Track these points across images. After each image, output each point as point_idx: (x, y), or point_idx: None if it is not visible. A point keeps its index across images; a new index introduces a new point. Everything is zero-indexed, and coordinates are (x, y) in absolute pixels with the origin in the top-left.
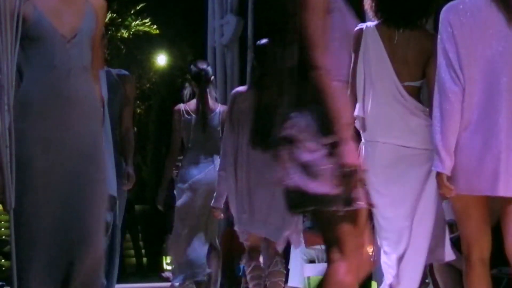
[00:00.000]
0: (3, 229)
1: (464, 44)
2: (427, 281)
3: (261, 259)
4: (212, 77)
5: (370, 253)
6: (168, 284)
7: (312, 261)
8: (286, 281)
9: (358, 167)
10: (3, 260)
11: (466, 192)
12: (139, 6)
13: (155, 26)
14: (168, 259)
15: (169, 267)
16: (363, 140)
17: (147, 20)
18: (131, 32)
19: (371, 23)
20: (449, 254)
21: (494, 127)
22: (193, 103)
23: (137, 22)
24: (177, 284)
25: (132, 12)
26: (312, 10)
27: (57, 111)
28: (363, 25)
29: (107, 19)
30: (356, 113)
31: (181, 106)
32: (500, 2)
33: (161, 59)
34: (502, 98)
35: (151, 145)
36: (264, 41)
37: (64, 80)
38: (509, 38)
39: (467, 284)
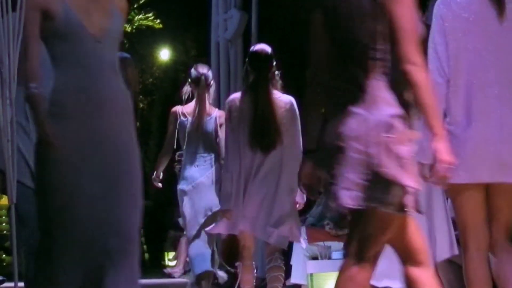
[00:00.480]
0: (4, 224)
1: (454, 37)
2: None
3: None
4: (212, 81)
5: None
6: (171, 279)
7: (314, 258)
8: (288, 277)
9: (451, 165)
10: (4, 255)
11: (468, 181)
12: (143, 0)
13: (158, 21)
14: (170, 255)
15: (171, 263)
16: None
17: (150, 15)
18: (134, 27)
19: None
20: (453, 249)
21: (488, 118)
22: (189, 106)
23: (140, 16)
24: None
25: (135, 6)
26: (404, 4)
27: (92, 113)
28: None
29: None
30: None
31: (178, 108)
32: None
33: (164, 54)
34: (495, 91)
35: (154, 140)
36: (257, 47)
37: (97, 81)
38: (500, 33)
39: (465, 276)
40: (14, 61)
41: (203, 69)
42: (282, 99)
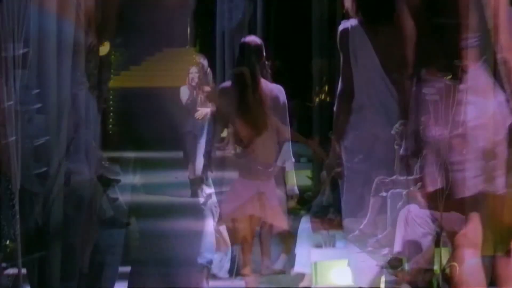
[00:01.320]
0: None
1: None
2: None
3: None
4: (209, 69)
5: None
6: None
7: (318, 246)
8: (292, 266)
9: None
10: (8, 242)
11: None
12: None
13: None
14: None
15: None
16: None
17: None
18: None
19: (354, 21)
20: None
21: None
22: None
23: None
24: None
25: None
26: None
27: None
28: (347, 24)
29: None
30: None
31: None
32: None
33: None
34: None
35: None
36: (248, 37)
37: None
38: None
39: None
40: (18, 49)
41: (198, 59)
42: (271, 87)
